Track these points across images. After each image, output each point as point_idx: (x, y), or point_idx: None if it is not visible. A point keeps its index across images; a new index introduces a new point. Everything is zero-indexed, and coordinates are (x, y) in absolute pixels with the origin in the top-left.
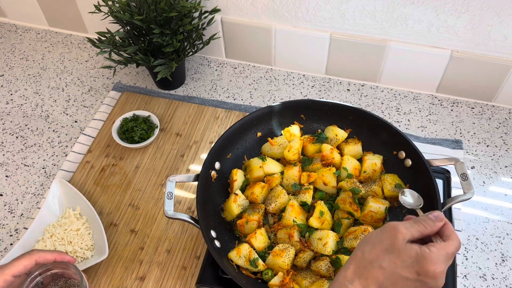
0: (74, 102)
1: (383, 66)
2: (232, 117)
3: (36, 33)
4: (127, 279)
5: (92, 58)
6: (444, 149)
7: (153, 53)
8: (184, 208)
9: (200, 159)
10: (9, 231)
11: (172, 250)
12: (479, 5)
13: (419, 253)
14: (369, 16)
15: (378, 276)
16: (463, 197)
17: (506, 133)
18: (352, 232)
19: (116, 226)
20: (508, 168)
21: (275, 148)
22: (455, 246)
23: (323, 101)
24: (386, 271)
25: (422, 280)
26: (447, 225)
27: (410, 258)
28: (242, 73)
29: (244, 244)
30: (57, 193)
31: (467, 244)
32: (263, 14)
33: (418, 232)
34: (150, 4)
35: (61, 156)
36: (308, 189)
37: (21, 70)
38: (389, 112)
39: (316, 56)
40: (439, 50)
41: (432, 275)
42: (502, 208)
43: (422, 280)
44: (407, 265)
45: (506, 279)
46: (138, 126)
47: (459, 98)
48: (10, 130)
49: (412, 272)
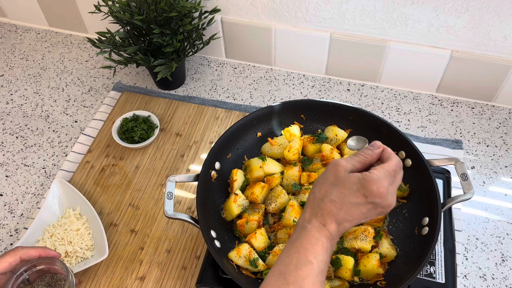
0: (74, 102)
1: (383, 66)
2: (232, 117)
3: (36, 33)
4: (127, 279)
5: (92, 58)
6: (444, 149)
7: (153, 53)
8: (184, 208)
9: (200, 159)
10: (9, 231)
11: (172, 250)
12: (479, 5)
13: (361, 177)
14: (369, 16)
15: (331, 209)
16: (463, 197)
17: (506, 133)
18: (352, 232)
19: (116, 226)
20: (508, 168)
21: (275, 148)
22: (394, 163)
23: (323, 101)
24: (337, 202)
25: (371, 201)
26: (386, 149)
27: (355, 185)
28: (242, 73)
29: (244, 244)
30: (57, 193)
31: (467, 244)
32: (263, 14)
33: (359, 163)
34: (150, 4)
35: (61, 156)
36: (308, 189)
37: (21, 70)
38: (389, 112)
39: (316, 56)
40: (439, 50)
41: (377, 193)
42: (502, 208)
43: (371, 201)
44: (353, 191)
45: (506, 279)
46: (138, 126)
47: (459, 98)
48: (10, 130)
49: (359, 196)
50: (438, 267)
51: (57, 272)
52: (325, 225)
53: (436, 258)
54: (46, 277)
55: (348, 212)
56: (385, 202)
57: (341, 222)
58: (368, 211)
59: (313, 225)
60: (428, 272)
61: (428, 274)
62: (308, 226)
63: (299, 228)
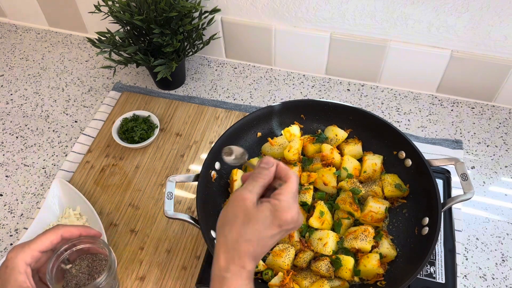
0: (74, 102)
1: (383, 66)
2: (232, 117)
3: (36, 33)
4: (127, 279)
5: (92, 58)
6: (444, 149)
7: (153, 53)
8: (184, 208)
9: (200, 159)
10: (9, 231)
11: (172, 250)
12: (479, 5)
13: (272, 209)
14: (369, 16)
15: (248, 249)
16: (463, 197)
17: (506, 133)
18: (352, 232)
19: (116, 226)
20: (508, 168)
21: (275, 148)
22: (295, 182)
23: (323, 101)
24: (253, 241)
25: (285, 228)
26: (280, 165)
27: (267, 218)
28: (242, 73)
29: None
30: (57, 193)
31: (467, 244)
32: (263, 14)
33: (260, 188)
34: (150, 4)
35: (61, 156)
36: (308, 189)
37: (21, 70)
38: (389, 112)
39: (316, 56)
40: (439, 50)
41: (291, 220)
42: (502, 208)
43: (285, 229)
44: (267, 225)
45: (506, 279)
46: (138, 126)
47: (459, 98)
48: (10, 130)
49: (274, 228)
50: (438, 267)
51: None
52: (244, 267)
53: (436, 258)
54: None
55: (264, 246)
56: (297, 224)
57: (257, 257)
58: (281, 237)
59: (233, 272)
60: (428, 272)
61: (428, 274)
62: (227, 275)
63: (218, 279)
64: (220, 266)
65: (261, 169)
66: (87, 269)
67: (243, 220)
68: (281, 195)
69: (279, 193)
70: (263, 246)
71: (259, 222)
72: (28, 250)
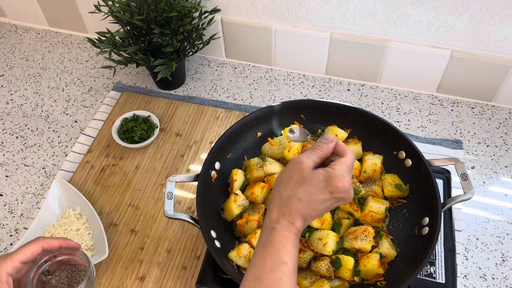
0: (74, 102)
1: (383, 66)
2: (232, 117)
3: (36, 33)
4: (127, 279)
5: (92, 58)
6: (444, 149)
7: (153, 53)
8: (184, 208)
9: (200, 159)
10: (9, 231)
11: (172, 250)
12: (479, 5)
13: (326, 175)
14: (369, 16)
15: (299, 208)
16: (463, 197)
17: (506, 133)
18: (352, 232)
19: (116, 226)
20: (508, 168)
21: (275, 148)
22: (351, 157)
23: (323, 101)
24: (305, 201)
25: (336, 196)
26: (338, 143)
27: (321, 182)
28: (242, 73)
29: (244, 244)
30: (57, 193)
31: (467, 244)
32: (263, 14)
33: (318, 158)
34: (150, 4)
35: (61, 156)
36: None
37: (21, 70)
38: (389, 112)
39: (316, 56)
40: (439, 50)
41: (342, 189)
42: (502, 208)
43: (336, 197)
44: (320, 189)
45: (506, 279)
46: (138, 126)
47: (459, 98)
48: (10, 130)
49: (326, 193)
50: (438, 267)
51: (77, 263)
52: (293, 223)
53: (436, 258)
54: (66, 269)
55: (314, 209)
56: (348, 195)
57: (307, 219)
58: (331, 205)
59: (282, 225)
60: (428, 272)
61: (428, 274)
62: (277, 226)
63: (268, 229)
64: (272, 218)
65: (321, 143)
66: (66, 279)
67: (298, 181)
68: (336, 165)
69: (334, 164)
70: (313, 209)
71: (312, 184)
72: (9, 261)
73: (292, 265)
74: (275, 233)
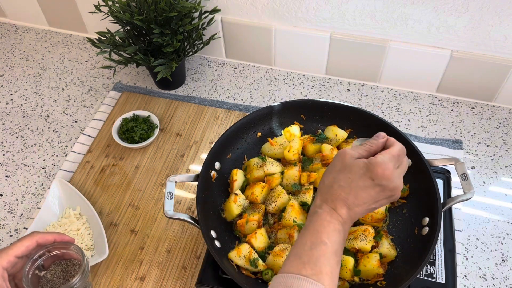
0: (74, 102)
1: (383, 66)
2: (232, 117)
3: (36, 33)
4: (127, 279)
5: (92, 58)
6: (444, 149)
7: (153, 53)
8: (184, 208)
9: (200, 159)
10: (9, 231)
11: (172, 250)
12: (479, 5)
13: (367, 162)
14: (369, 16)
15: (340, 194)
16: (463, 197)
17: (506, 133)
18: (352, 232)
19: (116, 226)
20: (508, 168)
21: (275, 148)
22: (397, 148)
23: (323, 101)
24: (345, 187)
25: (378, 183)
26: (389, 139)
27: (361, 169)
28: (242, 73)
29: (244, 244)
30: (57, 193)
31: (467, 244)
32: (263, 14)
33: (364, 151)
34: (150, 4)
35: (61, 156)
36: (308, 189)
37: (21, 70)
38: (389, 112)
39: (316, 56)
40: (439, 50)
41: (382, 175)
42: (502, 208)
43: (378, 183)
44: (360, 175)
45: (506, 279)
46: (138, 126)
47: (459, 98)
48: (10, 130)
49: (366, 180)
50: (438, 267)
51: (71, 257)
52: (335, 209)
53: (436, 258)
54: (61, 264)
55: (356, 196)
56: (392, 184)
57: (351, 207)
58: (377, 194)
59: (324, 209)
60: (428, 272)
61: (428, 274)
62: (319, 211)
63: (311, 214)
64: (315, 204)
65: (371, 139)
66: (61, 273)
67: (339, 169)
68: (379, 154)
69: (378, 153)
70: (355, 196)
71: (352, 171)
72: (4, 255)
73: (332, 247)
74: (316, 217)
